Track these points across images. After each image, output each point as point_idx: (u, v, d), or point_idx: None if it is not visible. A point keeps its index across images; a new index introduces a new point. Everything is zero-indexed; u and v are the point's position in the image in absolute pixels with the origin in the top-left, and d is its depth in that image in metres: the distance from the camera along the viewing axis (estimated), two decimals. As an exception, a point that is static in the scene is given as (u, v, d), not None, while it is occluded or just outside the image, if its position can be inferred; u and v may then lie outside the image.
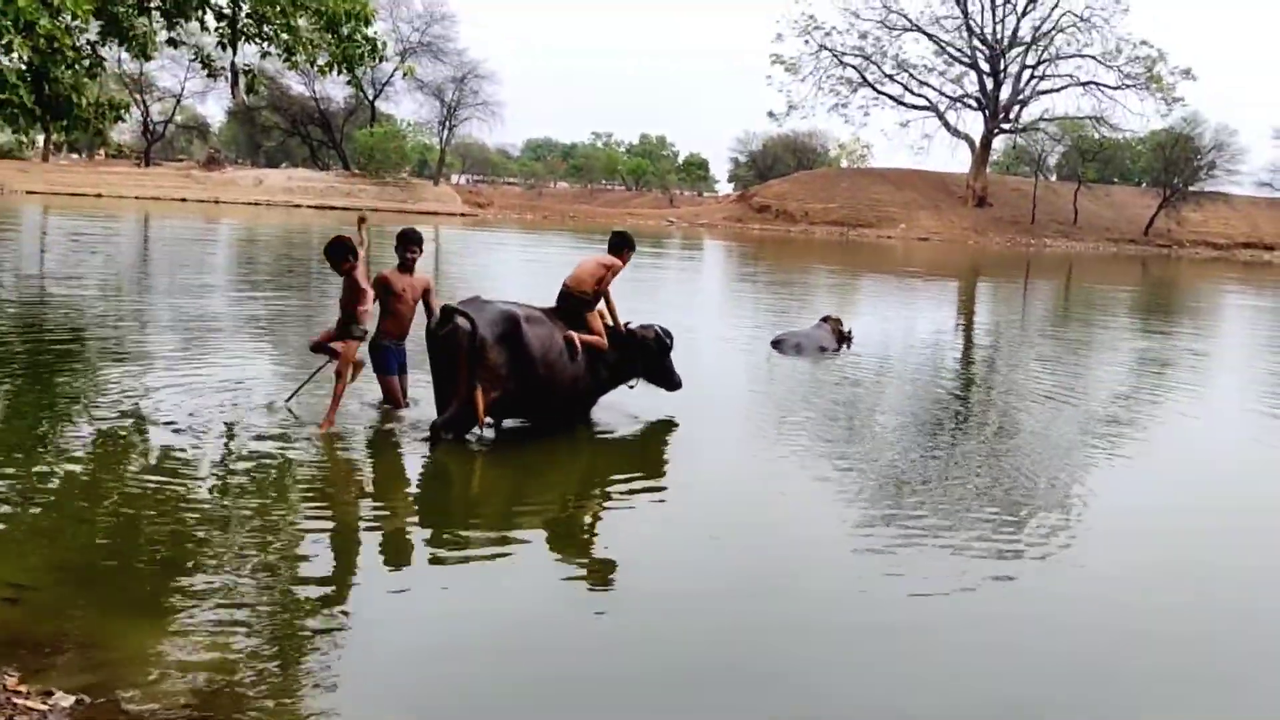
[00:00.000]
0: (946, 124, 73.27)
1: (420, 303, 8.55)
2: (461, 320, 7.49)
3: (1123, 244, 68.43)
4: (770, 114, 75.75)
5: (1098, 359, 15.92)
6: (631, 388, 9.08)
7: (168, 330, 12.55)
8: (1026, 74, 71.96)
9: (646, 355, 8.97)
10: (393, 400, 8.50)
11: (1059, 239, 68.02)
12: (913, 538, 6.18)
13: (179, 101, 74.25)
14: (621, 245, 8.83)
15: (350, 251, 8.15)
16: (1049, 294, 31.63)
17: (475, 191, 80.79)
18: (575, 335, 8.30)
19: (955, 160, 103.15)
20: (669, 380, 9.16)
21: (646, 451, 8.28)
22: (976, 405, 11.16)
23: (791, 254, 43.90)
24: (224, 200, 58.36)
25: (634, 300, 8.85)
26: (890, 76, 73.16)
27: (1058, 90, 71.84)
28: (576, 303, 8.50)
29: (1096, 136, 71.69)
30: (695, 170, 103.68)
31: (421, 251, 8.72)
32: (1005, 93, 72.05)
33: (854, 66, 72.59)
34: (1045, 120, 72.62)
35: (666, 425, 8.86)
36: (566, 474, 7.54)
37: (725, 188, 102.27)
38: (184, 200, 56.81)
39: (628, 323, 8.97)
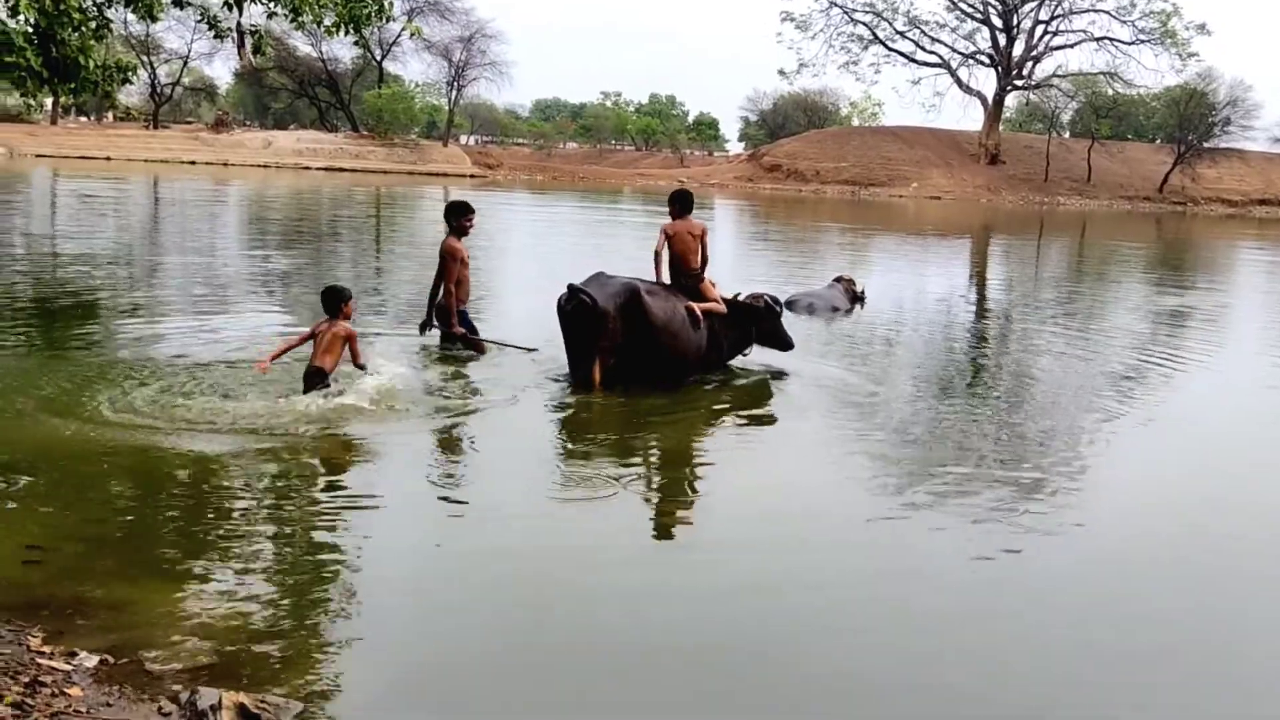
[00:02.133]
0: (959, 81, 72.66)
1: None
2: (585, 297, 8.16)
3: (1137, 201, 67.94)
4: (780, 72, 75.80)
5: (1113, 314, 15.82)
6: (745, 354, 9.57)
7: (183, 288, 12.55)
8: (1040, 29, 71.21)
9: (759, 322, 9.54)
10: (478, 349, 9.21)
11: (1073, 196, 67.57)
12: (926, 505, 6.15)
13: (186, 63, 73.99)
14: (690, 203, 9.24)
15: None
16: (1063, 251, 31.44)
17: (484, 152, 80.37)
18: (695, 305, 8.82)
19: (968, 118, 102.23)
20: (782, 342, 9.72)
21: (666, 418, 8.24)
22: (991, 363, 11.13)
23: (803, 213, 43.68)
24: (233, 162, 58.26)
25: (648, 260, 8.91)
26: (901, 33, 72.50)
27: (1071, 46, 71.23)
28: (689, 280, 9.02)
29: (1110, 93, 71.05)
30: (705, 130, 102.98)
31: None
32: (1018, 49, 71.31)
33: (865, 23, 72.00)
34: (1058, 77, 72.00)
35: (680, 391, 8.83)
36: (588, 441, 7.53)
37: (736, 147, 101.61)
38: (193, 163, 56.75)
39: (738, 293, 9.54)
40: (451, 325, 9.16)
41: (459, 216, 9.23)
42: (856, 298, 14.19)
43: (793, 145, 75.36)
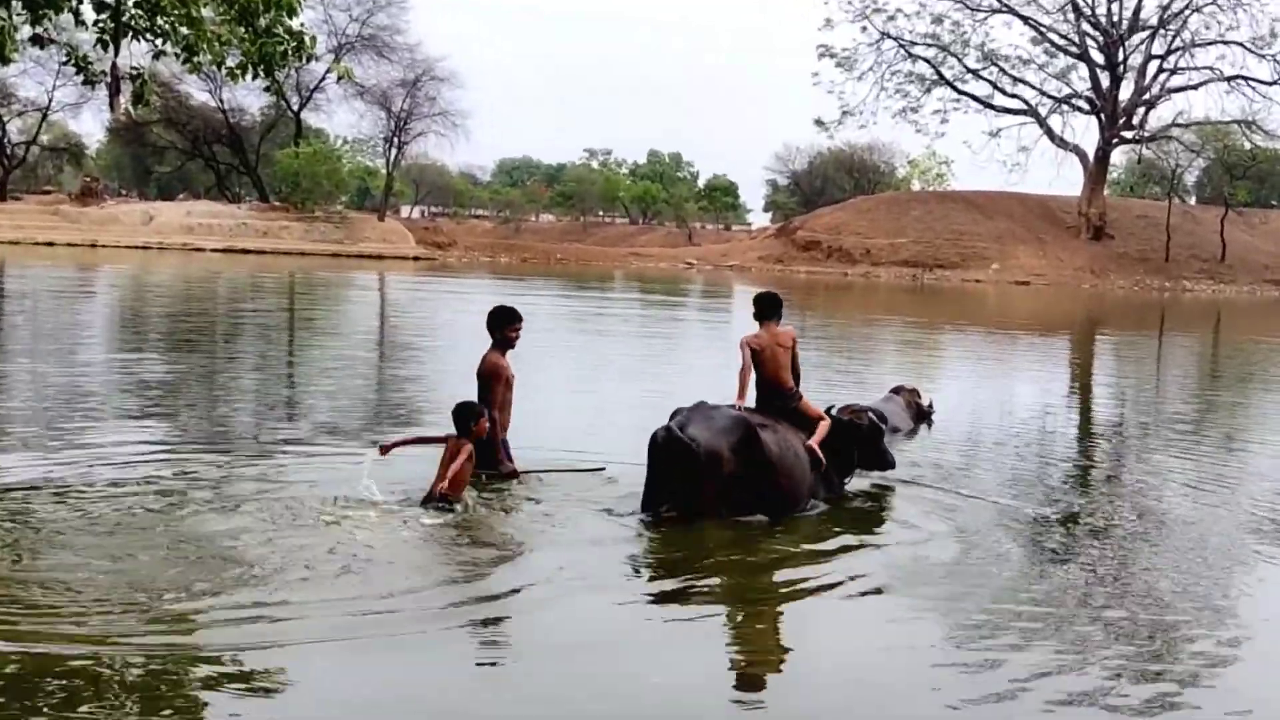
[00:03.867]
0: (1050, 132, 73.75)
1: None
2: (688, 433, 8.69)
3: (1287, 286, 68.51)
4: (818, 122, 76.52)
5: (1260, 434, 15.81)
6: (845, 483, 10.09)
7: (27, 402, 12.59)
8: (1153, 66, 72.57)
9: (862, 443, 10.14)
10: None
11: (1202, 280, 68.25)
12: (1023, 690, 6.08)
13: (45, 117, 75.30)
14: (779, 307, 9.79)
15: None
16: (1192, 352, 31.59)
17: (433, 227, 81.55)
18: (815, 444, 9.49)
19: (1062, 179, 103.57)
20: (883, 461, 10.39)
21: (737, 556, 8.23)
22: (1100, 503, 11.07)
23: (849, 303, 44.04)
24: (104, 243, 58.97)
25: (652, 363, 9.06)
26: (975, 72, 74.03)
27: (1195, 87, 72.33)
28: (784, 399, 9.65)
29: (1248, 146, 71.87)
30: (720, 196, 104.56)
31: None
32: (1126, 91, 72.66)
33: (926, 60, 73.53)
34: (1179, 126, 72.92)
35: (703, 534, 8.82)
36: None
37: (760, 218, 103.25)
38: (51, 244, 57.36)
39: (830, 407, 10.20)
40: (499, 458, 9.37)
41: (504, 326, 9.52)
42: (922, 414, 14.17)
43: (835, 216, 76.37)
